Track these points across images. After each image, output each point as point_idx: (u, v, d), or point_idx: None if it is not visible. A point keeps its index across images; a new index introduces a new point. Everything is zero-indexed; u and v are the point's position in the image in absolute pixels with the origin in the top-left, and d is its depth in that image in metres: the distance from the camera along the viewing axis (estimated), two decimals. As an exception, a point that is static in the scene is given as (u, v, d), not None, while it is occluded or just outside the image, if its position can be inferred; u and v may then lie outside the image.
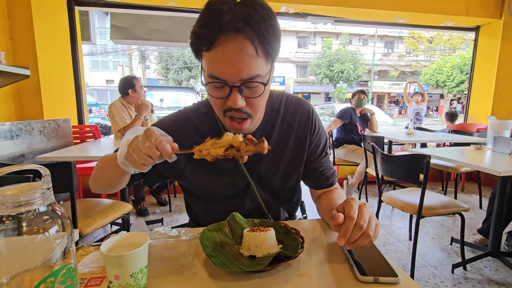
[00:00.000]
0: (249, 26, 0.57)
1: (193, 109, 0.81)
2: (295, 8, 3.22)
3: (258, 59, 0.60)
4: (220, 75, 0.60)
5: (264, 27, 0.59)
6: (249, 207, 0.82)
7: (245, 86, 0.62)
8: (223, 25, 0.57)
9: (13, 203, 0.34)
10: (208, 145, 0.57)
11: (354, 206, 0.58)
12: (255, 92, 0.64)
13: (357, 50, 21.95)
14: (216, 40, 0.58)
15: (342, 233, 0.56)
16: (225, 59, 0.59)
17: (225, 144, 0.57)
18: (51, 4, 2.77)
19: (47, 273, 0.36)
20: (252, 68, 0.60)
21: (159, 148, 0.55)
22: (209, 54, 0.60)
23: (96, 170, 0.77)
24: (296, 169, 0.83)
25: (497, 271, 1.85)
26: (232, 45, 0.58)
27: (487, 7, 3.50)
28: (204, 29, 0.59)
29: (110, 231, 2.41)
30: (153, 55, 18.97)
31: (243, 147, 0.56)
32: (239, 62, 0.59)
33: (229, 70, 0.59)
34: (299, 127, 0.81)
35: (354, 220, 0.56)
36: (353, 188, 3.29)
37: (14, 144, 2.06)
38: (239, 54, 0.58)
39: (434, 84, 17.90)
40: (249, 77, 0.60)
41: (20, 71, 1.89)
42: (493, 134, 2.06)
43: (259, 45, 0.59)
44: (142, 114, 2.46)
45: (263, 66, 0.62)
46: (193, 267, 0.56)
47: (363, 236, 0.56)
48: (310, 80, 23.77)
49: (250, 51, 0.58)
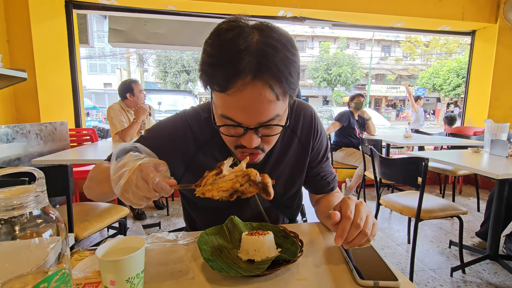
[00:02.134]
0: (270, 71, 0.52)
1: (192, 114, 0.75)
2: (293, 12, 3.24)
3: (277, 103, 0.56)
4: (235, 118, 0.56)
5: (286, 70, 0.53)
6: (249, 215, 0.80)
7: (262, 127, 0.58)
8: (241, 70, 0.51)
9: (5, 206, 0.34)
10: (209, 181, 0.52)
11: (350, 205, 0.58)
12: (272, 131, 0.60)
13: (354, 54, 22.10)
14: (232, 85, 0.52)
15: (339, 232, 0.56)
16: (242, 105, 0.54)
17: (229, 189, 0.52)
18: (49, 7, 2.77)
19: (41, 279, 0.35)
20: (271, 112, 0.56)
21: (157, 190, 0.50)
22: (223, 96, 0.54)
23: (90, 179, 0.72)
24: (298, 175, 0.82)
25: (496, 274, 1.84)
26: (250, 92, 0.52)
27: (483, 12, 3.54)
28: (218, 70, 0.53)
29: (107, 235, 2.39)
30: (151, 59, 18.98)
31: (247, 189, 0.52)
32: (257, 109, 0.54)
33: (246, 115, 0.55)
34: (302, 132, 0.79)
35: (350, 219, 0.56)
36: (352, 191, 3.30)
37: (10, 147, 2.04)
38: (257, 102, 0.53)
39: (431, 88, 18.04)
40: (267, 120, 0.56)
41: (17, 74, 1.88)
42: (490, 137, 2.07)
43: (280, 89, 0.54)
44: (140, 118, 2.46)
45: (282, 106, 0.58)
46: (190, 271, 0.56)
47: (360, 235, 0.56)
48: (308, 84, 23.87)
49: (270, 97, 0.54)
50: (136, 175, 0.50)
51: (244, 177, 0.51)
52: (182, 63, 18.11)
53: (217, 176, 0.52)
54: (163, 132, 0.73)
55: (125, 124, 2.53)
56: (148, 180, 0.49)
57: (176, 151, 0.72)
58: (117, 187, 0.51)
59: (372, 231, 0.57)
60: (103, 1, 2.98)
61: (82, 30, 3.52)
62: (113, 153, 0.57)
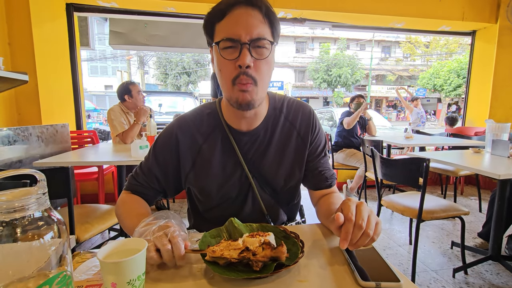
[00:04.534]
0: (259, 3, 0.68)
1: (194, 112, 0.84)
2: (293, 13, 3.25)
3: (265, 26, 0.68)
4: (232, 35, 0.67)
5: (271, 11, 0.70)
6: (251, 209, 0.83)
7: (253, 47, 0.67)
8: (237, 1, 0.67)
9: (7, 208, 0.34)
10: (222, 246, 0.56)
11: (351, 206, 0.58)
12: (262, 54, 0.69)
13: (354, 54, 22.10)
14: (229, 11, 0.67)
15: (343, 236, 0.56)
16: (236, 21, 0.67)
17: (241, 246, 0.55)
18: (50, 10, 2.78)
19: (42, 281, 0.35)
20: (259, 29, 0.67)
21: (177, 257, 0.55)
22: (222, 22, 0.68)
23: (117, 216, 0.80)
24: (297, 168, 0.84)
25: (498, 275, 1.84)
26: (243, 11, 0.67)
27: (483, 12, 3.54)
28: (219, 6, 0.68)
29: (108, 237, 2.39)
30: (151, 61, 19.03)
31: (260, 252, 0.54)
32: (249, 23, 0.67)
33: (240, 28, 0.66)
34: (301, 126, 0.84)
35: (352, 221, 0.56)
36: (353, 192, 3.29)
37: (12, 149, 2.04)
38: (249, 17, 0.67)
39: (431, 88, 18.01)
40: (257, 37, 0.67)
41: (18, 76, 1.89)
42: (492, 137, 2.07)
43: (265, 15, 0.69)
44: (141, 120, 2.46)
45: (269, 34, 0.70)
46: (191, 274, 0.56)
47: (364, 236, 0.56)
48: (308, 85, 23.88)
49: (258, 16, 0.68)
50: (158, 232, 0.57)
51: (259, 244, 0.55)
52: (183, 65, 18.15)
53: (232, 242, 0.57)
54: (171, 132, 0.82)
55: (126, 126, 2.53)
56: (173, 244, 0.55)
57: (184, 144, 0.80)
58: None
59: (375, 230, 0.58)
60: (104, 4, 2.99)
61: (83, 33, 3.53)
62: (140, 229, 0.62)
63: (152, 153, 0.83)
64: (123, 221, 0.75)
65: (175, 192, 0.87)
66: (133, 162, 1.73)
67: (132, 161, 1.74)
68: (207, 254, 0.55)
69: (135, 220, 0.65)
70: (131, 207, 0.78)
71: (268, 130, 0.81)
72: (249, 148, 0.81)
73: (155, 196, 0.85)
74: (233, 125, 0.80)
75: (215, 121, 0.81)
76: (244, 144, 0.80)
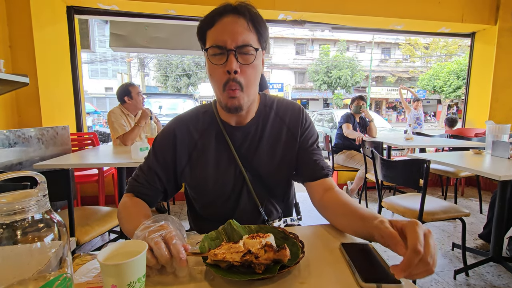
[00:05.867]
0: (246, 11, 0.73)
1: (189, 112, 0.89)
2: (293, 15, 3.26)
3: (250, 33, 0.72)
4: (219, 42, 0.71)
5: (254, 14, 0.74)
6: (247, 204, 0.85)
7: (239, 53, 0.71)
8: (224, 10, 0.72)
9: (7, 211, 0.34)
10: (223, 249, 0.56)
11: (420, 236, 0.49)
12: (247, 60, 0.73)
13: (354, 56, 22.14)
14: (218, 19, 0.72)
15: (403, 266, 0.48)
16: (223, 28, 0.71)
17: (242, 249, 0.55)
18: (50, 13, 2.79)
19: (42, 283, 0.35)
20: (246, 37, 0.71)
21: (176, 259, 0.53)
22: (212, 29, 0.73)
23: (119, 219, 0.80)
24: (289, 161, 0.87)
25: (499, 277, 1.83)
26: (230, 19, 0.72)
27: (482, 14, 3.55)
28: (210, 14, 0.74)
29: (108, 239, 2.38)
30: (152, 63, 19.06)
31: (262, 254, 0.53)
32: (234, 31, 0.71)
33: (226, 36, 0.71)
34: (290, 121, 0.87)
35: (420, 254, 0.47)
36: (353, 194, 3.28)
37: (12, 152, 2.05)
38: (235, 25, 0.71)
39: (431, 90, 18.01)
40: (243, 44, 0.71)
41: (19, 78, 1.89)
42: (492, 139, 2.07)
43: (250, 22, 0.73)
44: (142, 122, 2.46)
45: (254, 41, 0.74)
46: (192, 276, 0.55)
47: (425, 272, 0.48)
48: (308, 87, 23.91)
49: (243, 24, 0.72)
50: (157, 234, 0.56)
51: (260, 246, 0.56)
52: (183, 67, 18.17)
53: (233, 244, 0.58)
54: (169, 129, 0.86)
55: (126, 128, 2.53)
56: (171, 247, 0.54)
57: (181, 140, 0.84)
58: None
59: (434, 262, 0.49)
60: (105, 6, 3.00)
61: (83, 35, 3.55)
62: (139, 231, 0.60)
63: (152, 151, 0.86)
64: (124, 225, 0.75)
65: (176, 189, 0.89)
66: (134, 164, 1.73)
67: (132, 163, 1.74)
68: (209, 258, 0.55)
69: (136, 223, 0.65)
70: (132, 211, 0.78)
71: (259, 125, 0.85)
72: (241, 143, 0.84)
73: (156, 196, 0.85)
74: (226, 121, 0.84)
75: (210, 118, 0.86)
76: (237, 139, 0.84)
